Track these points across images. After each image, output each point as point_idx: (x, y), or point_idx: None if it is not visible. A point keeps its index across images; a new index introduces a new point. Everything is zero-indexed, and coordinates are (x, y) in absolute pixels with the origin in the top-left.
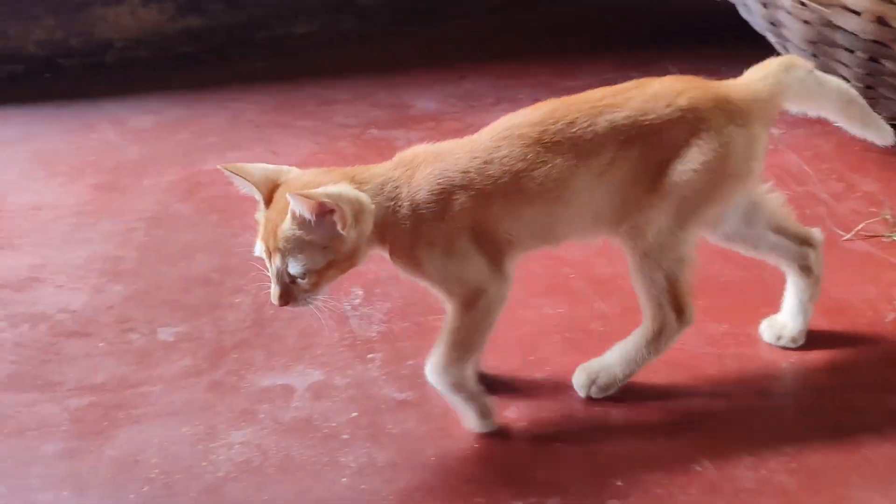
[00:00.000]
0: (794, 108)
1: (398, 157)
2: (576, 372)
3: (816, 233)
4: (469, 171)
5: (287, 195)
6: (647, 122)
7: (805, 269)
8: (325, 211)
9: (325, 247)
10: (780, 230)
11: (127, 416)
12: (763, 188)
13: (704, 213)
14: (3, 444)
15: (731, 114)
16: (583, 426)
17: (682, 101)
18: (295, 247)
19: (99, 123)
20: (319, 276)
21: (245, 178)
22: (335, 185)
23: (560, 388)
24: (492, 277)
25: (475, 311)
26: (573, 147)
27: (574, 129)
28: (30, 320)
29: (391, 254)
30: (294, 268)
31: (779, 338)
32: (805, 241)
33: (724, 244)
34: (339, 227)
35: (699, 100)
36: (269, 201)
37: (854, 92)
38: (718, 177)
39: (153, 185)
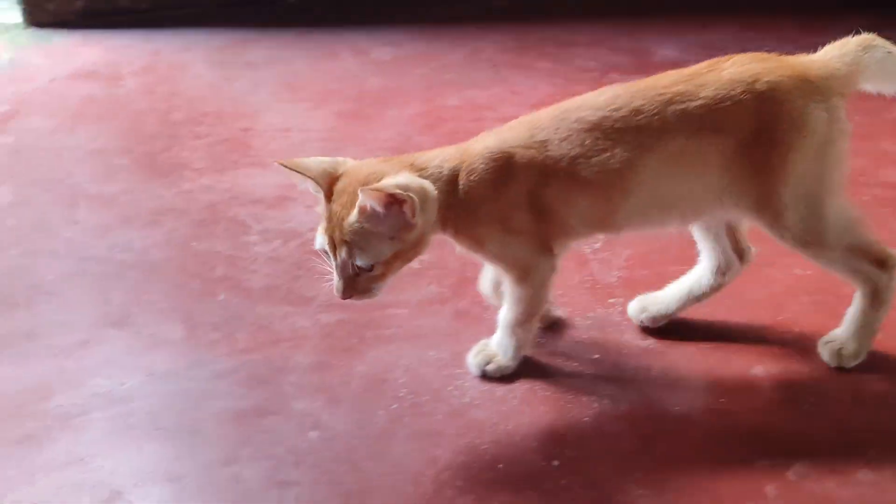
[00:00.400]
0: (871, 87)
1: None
2: (820, 346)
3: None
4: (528, 147)
5: (359, 191)
6: (723, 110)
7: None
8: (393, 202)
9: (392, 237)
10: None
11: (375, 336)
12: None
13: (828, 184)
14: (260, 352)
15: (810, 92)
16: (832, 393)
17: (761, 86)
18: (363, 239)
19: (341, 52)
20: (386, 267)
21: (304, 174)
22: (398, 175)
23: (809, 350)
24: (542, 256)
25: (527, 285)
26: (637, 136)
27: (639, 118)
28: (282, 236)
29: (455, 235)
30: (362, 260)
31: None
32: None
33: None
34: (408, 217)
35: (778, 82)
36: (329, 194)
37: None
38: (818, 152)
39: (395, 116)
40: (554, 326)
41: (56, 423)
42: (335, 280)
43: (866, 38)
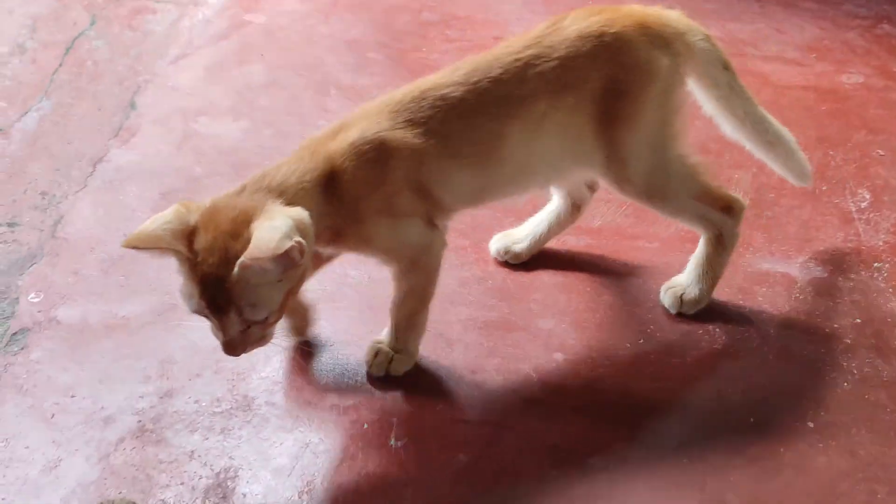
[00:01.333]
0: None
1: (298, 149)
2: (662, 292)
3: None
4: (394, 130)
5: (245, 259)
6: (577, 67)
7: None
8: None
9: (279, 280)
10: None
11: (624, 267)
12: None
13: (669, 133)
14: (505, 267)
15: (652, 39)
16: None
17: (608, 38)
18: (252, 295)
19: None
20: (280, 310)
21: (157, 248)
22: (269, 214)
23: None
24: (433, 233)
25: (421, 270)
26: (501, 106)
27: (500, 88)
28: None
29: (335, 242)
30: (256, 315)
31: None
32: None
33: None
34: (296, 258)
35: (622, 32)
36: (192, 257)
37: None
38: (663, 98)
39: None
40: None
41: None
42: (221, 339)
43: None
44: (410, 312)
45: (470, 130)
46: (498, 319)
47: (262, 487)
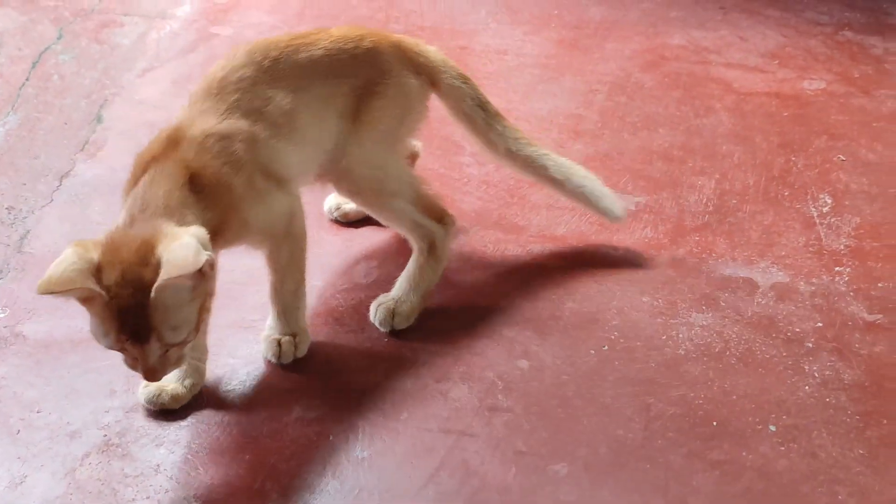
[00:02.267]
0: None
1: (152, 156)
2: (372, 310)
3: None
4: (222, 121)
5: (164, 280)
6: (340, 60)
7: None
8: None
9: (193, 299)
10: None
11: (587, 274)
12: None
13: (397, 140)
14: (472, 274)
15: (406, 62)
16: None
17: (367, 44)
18: (171, 317)
19: None
20: (196, 329)
21: (72, 290)
22: (175, 236)
23: None
24: (291, 200)
25: (292, 237)
26: (288, 83)
27: (280, 66)
28: (496, 162)
29: (220, 238)
30: (176, 337)
31: None
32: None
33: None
34: (206, 272)
35: (379, 44)
36: (105, 292)
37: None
38: (403, 110)
39: (616, 50)
40: None
41: None
42: (137, 367)
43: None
44: (295, 286)
45: (269, 103)
46: (461, 328)
47: (227, 500)
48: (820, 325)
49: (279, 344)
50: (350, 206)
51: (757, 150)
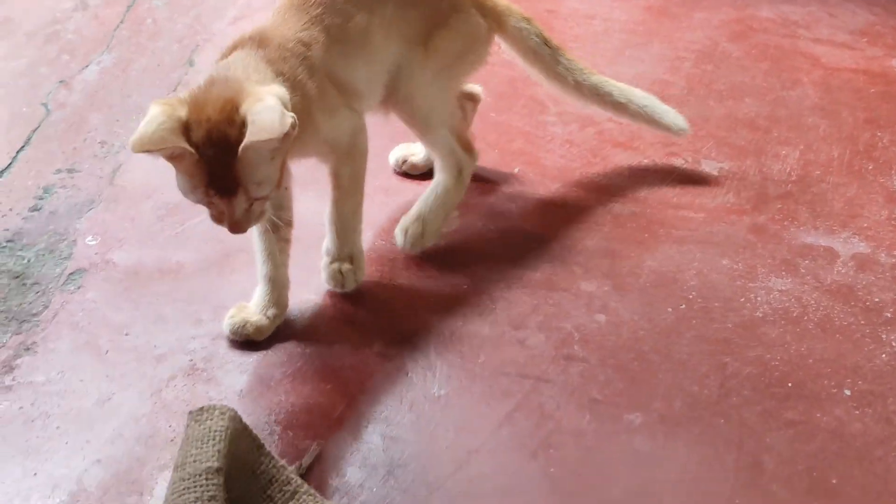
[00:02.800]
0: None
1: (239, 44)
2: (398, 232)
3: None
4: (304, 30)
5: (251, 141)
6: None
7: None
8: None
9: (273, 157)
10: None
11: (667, 234)
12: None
13: (456, 76)
14: (552, 228)
15: (476, 2)
16: None
17: None
18: (256, 173)
19: None
20: (277, 184)
21: (166, 148)
22: (259, 96)
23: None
24: (358, 118)
25: (357, 152)
26: (366, 3)
27: None
28: (579, 121)
29: (295, 150)
30: (261, 192)
31: None
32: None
33: None
34: (291, 133)
35: None
36: (190, 142)
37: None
38: (466, 47)
39: (704, 19)
40: None
41: None
42: (223, 220)
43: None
44: (355, 206)
45: (348, 21)
46: (541, 279)
47: (307, 427)
48: None
49: (340, 272)
50: (418, 157)
51: (843, 124)
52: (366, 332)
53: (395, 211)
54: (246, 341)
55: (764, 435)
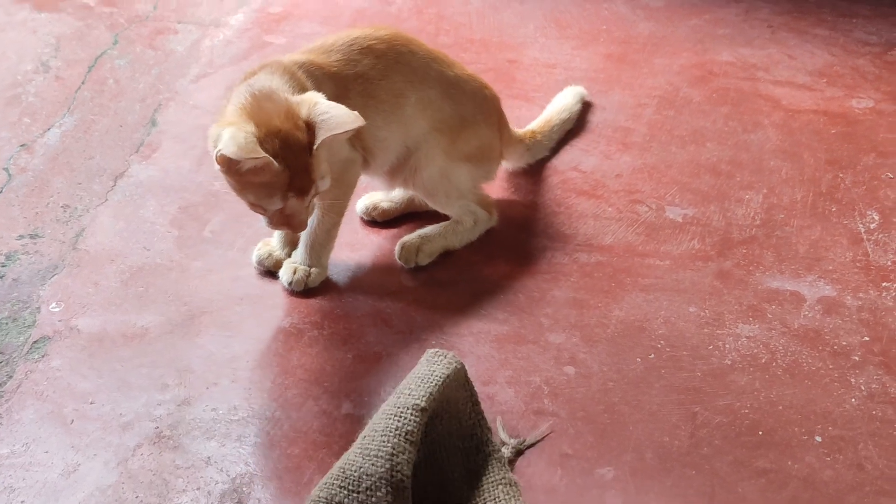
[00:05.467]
0: None
1: (262, 67)
2: (397, 247)
3: None
4: (330, 65)
5: (328, 135)
6: (461, 88)
7: None
8: None
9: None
10: None
11: (634, 283)
12: None
13: (471, 174)
14: (518, 280)
15: (504, 125)
16: None
17: (487, 93)
18: (323, 167)
19: None
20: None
21: (258, 159)
22: (313, 99)
23: None
24: (355, 153)
25: (345, 182)
26: (409, 75)
27: (408, 60)
28: (543, 171)
29: None
30: (325, 184)
31: None
32: None
33: None
34: None
35: (495, 100)
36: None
37: None
38: (483, 156)
39: (664, 65)
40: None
41: None
42: (290, 222)
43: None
44: (330, 226)
45: (385, 80)
46: (509, 332)
47: (276, 493)
48: (867, 339)
49: (295, 271)
50: (387, 203)
51: (805, 167)
52: (334, 392)
53: (357, 268)
54: (267, 271)
55: (735, 485)
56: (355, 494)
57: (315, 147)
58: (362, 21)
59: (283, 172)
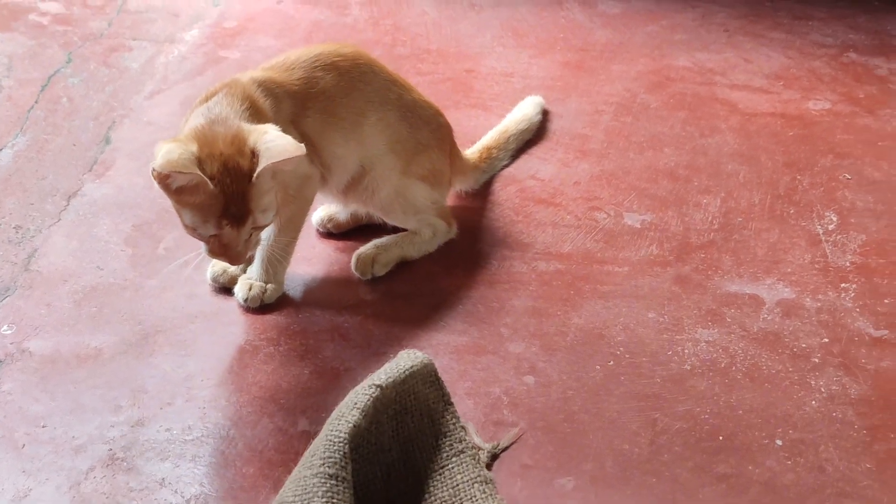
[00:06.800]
0: None
1: (219, 89)
2: (353, 258)
3: None
4: (291, 82)
5: (269, 164)
6: (416, 114)
7: None
8: None
9: (272, 186)
10: None
11: (593, 290)
12: None
13: (425, 194)
14: (477, 290)
15: (456, 152)
16: None
17: (441, 121)
18: (264, 199)
19: (567, 2)
20: (276, 211)
21: (191, 172)
22: (263, 130)
23: None
24: (314, 168)
25: (302, 197)
26: (369, 95)
27: (369, 80)
28: (500, 180)
29: None
30: (267, 217)
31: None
32: None
33: None
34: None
35: (447, 126)
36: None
37: None
38: (435, 181)
39: (622, 71)
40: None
41: None
42: (226, 252)
43: None
44: (287, 243)
45: (347, 98)
46: (468, 343)
47: None
48: (826, 340)
49: (250, 287)
50: (342, 215)
51: (762, 170)
52: (290, 409)
53: (313, 282)
54: (223, 288)
55: (696, 491)
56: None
57: (255, 175)
58: (318, 33)
59: (219, 196)
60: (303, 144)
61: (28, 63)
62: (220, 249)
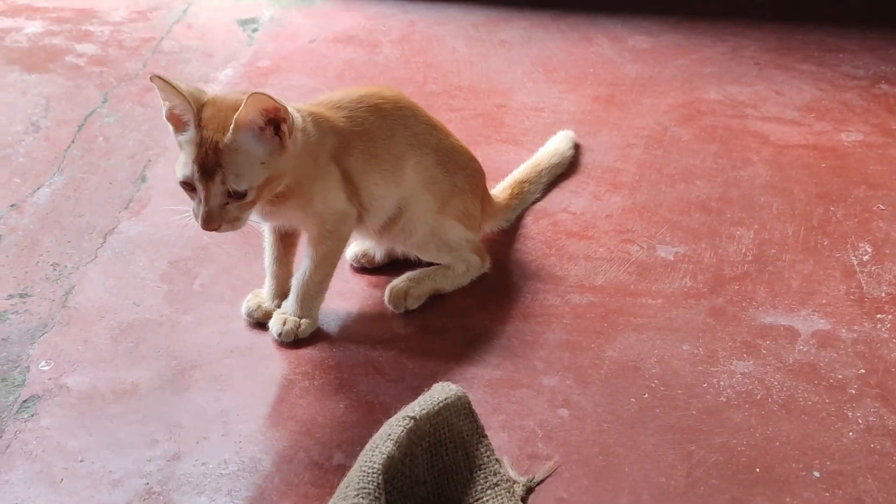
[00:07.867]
0: None
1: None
2: (386, 292)
3: None
4: (337, 119)
5: (247, 95)
6: (454, 159)
7: None
8: (274, 118)
9: (263, 162)
10: None
11: (627, 323)
12: None
13: (458, 233)
14: (511, 324)
15: (487, 196)
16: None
17: (476, 165)
18: (238, 161)
19: (596, 37)
20: (258, 192)
21: (178, 91)
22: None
23: None
24: (351, 207)
25: (338, 235)
26: (411, 138)
27: (412, 123)
28: (532, 214)
29: (282, 212)
30: (238, 184)
31: None
32: None
33: None
34: (285, 139)
35: (480, 171)
36: (198, 121)
37: None
38: (467, 223)
39: (652, 105)
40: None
41: None
42: (199, 211)
43: None
44: (322, 278)
45: (389, 140)
46: (502, 377)
47: None
48: (863, 371)
49: (284, 322)
50: (377, 254)
51: (795, 201)
52: (325, 443)
53: (348, 316)
54: (257, 323)
55: None
56: None
57: (230, 128)
58: (350, 71)
59: (200, 142)
60: (282, 101)
61: (65, 103)
62: (195, 210)
